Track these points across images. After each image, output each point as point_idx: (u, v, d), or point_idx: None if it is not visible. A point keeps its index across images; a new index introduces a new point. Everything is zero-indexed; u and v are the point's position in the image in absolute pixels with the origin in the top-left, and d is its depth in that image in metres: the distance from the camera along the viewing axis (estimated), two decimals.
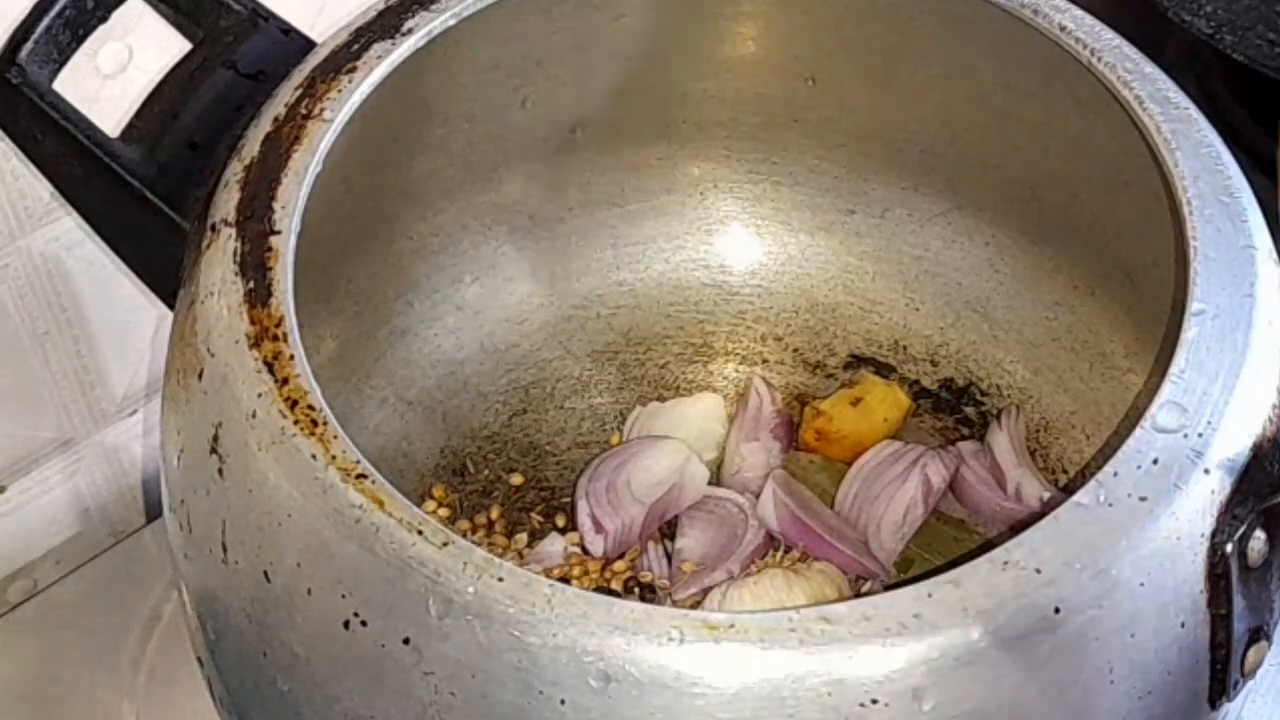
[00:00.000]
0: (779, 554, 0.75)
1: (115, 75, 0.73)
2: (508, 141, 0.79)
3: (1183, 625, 0.55)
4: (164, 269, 0.66)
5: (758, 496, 0.76)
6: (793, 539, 0.74)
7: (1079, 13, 0.67)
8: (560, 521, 0.78)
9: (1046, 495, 0.75)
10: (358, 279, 0.77)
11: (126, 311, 0.80)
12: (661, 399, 0.82)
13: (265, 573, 0.56)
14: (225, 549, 0.58)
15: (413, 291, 0.80)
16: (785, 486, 0.75)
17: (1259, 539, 0.55)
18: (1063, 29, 0.67)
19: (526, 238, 0.82)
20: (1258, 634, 0.57)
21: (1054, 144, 0.74)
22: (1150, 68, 0.66)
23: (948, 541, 0.75)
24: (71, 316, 0.79)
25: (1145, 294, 0.72)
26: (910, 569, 0.74)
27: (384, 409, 0.79)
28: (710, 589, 0.73)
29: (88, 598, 0.81)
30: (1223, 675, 0.57)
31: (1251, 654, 0.57)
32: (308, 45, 0.68)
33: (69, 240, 0.77)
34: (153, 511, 0.86)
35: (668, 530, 0.77)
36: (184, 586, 0.63)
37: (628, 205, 0.83)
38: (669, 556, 0.76)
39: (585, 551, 0.76)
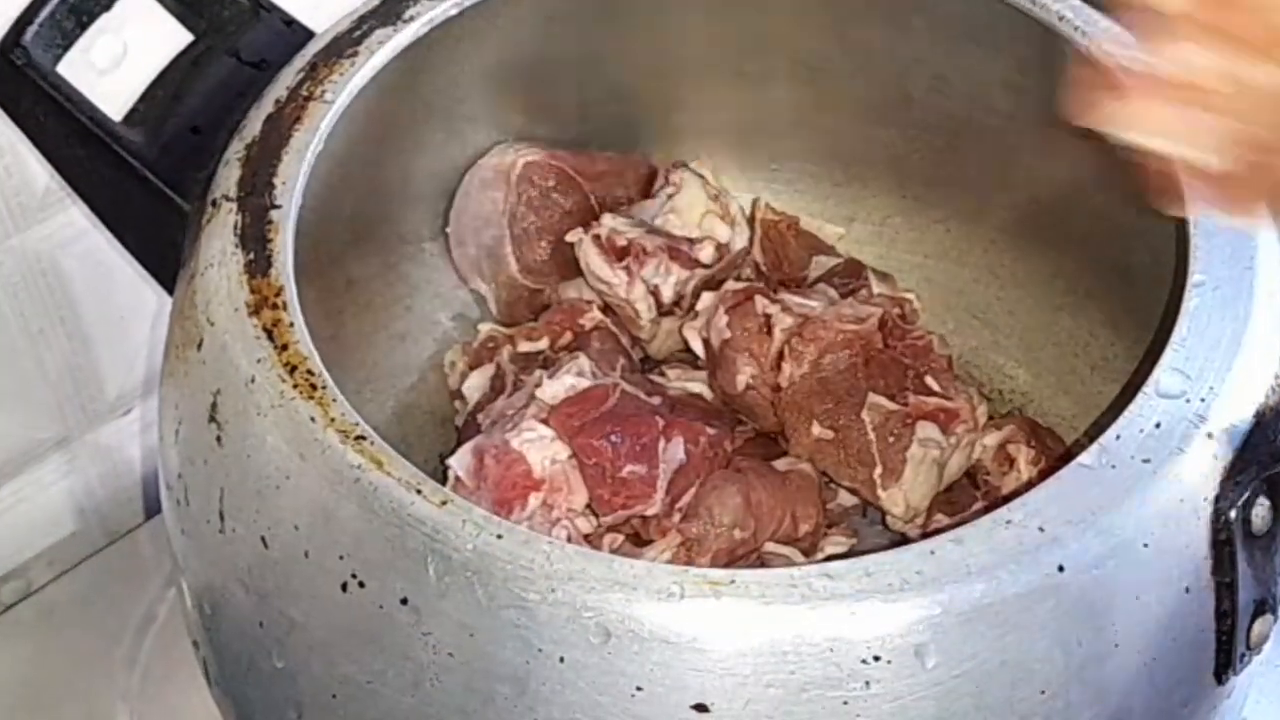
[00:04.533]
0: None
1: (110, 71, 0.73)
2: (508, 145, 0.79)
3: (1187, 590, 0.54)
4: (164, 252, 0.66)
5: None
6: None
7: (1077, 2, 0.68)
8: None
9: None
10: (358, 282, 0.77)
11: (122, 309, 0.80)
12: None
13: (263, 538, 0.56)
14: (223, 518, 0.58)
15: (412, 295, 0.80)
16: None
17: (1263, 506, 0.55)
18: (1061, 18, 0.67)
19: None
20: (1263, 606, 0.57)
21: (1053, 145, 0.74)
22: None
23: None
24: (66, 315, 0.79)
25: (1145, 296, 0.72)
26: None
27: (384, 412, 0.79)
28: None
29: (82, 598, 0.81)
30: (1228, 646, 0.56)
31: (1257, 626, 0.57)
32: (309, 36, 0.69)
33: (63, 238, 0.78)
34: (150, 509, 0.86)
35: None
36: (181, 564, 0.62)
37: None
38: None
39: None
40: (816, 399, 0.74)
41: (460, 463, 0.68)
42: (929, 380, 0.74)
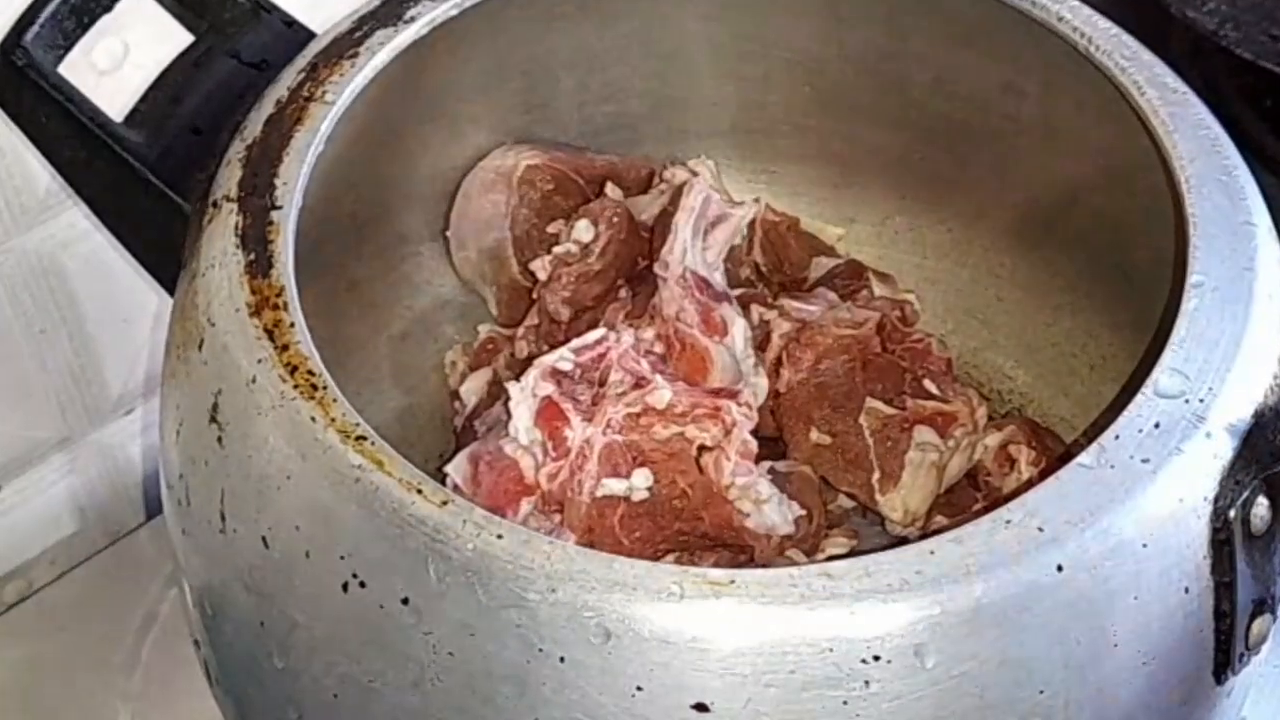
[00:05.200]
0: None
1: (111, 72, 0.74)
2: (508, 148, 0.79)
3: (1186, 590, 0.54)
4: (165, 252, 0.66)
5: None
6: None
7: (1076, 3, 0.68)
8: None
9: None
10: (358, 283, 0.78)
11: (123, 309, 0.81)
12: None
13: (264, 538, 0.56)
14: (224, 518, 0.58)
15: (412, 296, 0.80)
16: None
17: (1262, 506, 0.55)
18: (1060, 19, 0.68)
19: None
20: (1262, 606, 0.57)
21: (1053, 145, 0.75)
22: (1148, 55, 0.66)
23: None
24: (67, 315, 0.79)
25: (1145, 296, 0.72)
26: None
27: (385, 413, 0.79)
28: None
29: (83, 599, 0.81)
30: (1227, 646, 0.56)
31: (1256, 626, 0.57)
32: (309, 37, 0.69)
33: (65, 238, 0.78)
34: (152, 509, 0.86)
35: None
36: (182, 564, 0.63)
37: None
38: None
39: None
40: (814, 404, 0.74)
41: (457, 470, 0.68)
42: (927, 383, 0.75)
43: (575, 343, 0.69)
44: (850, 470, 0.73)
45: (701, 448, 0.67)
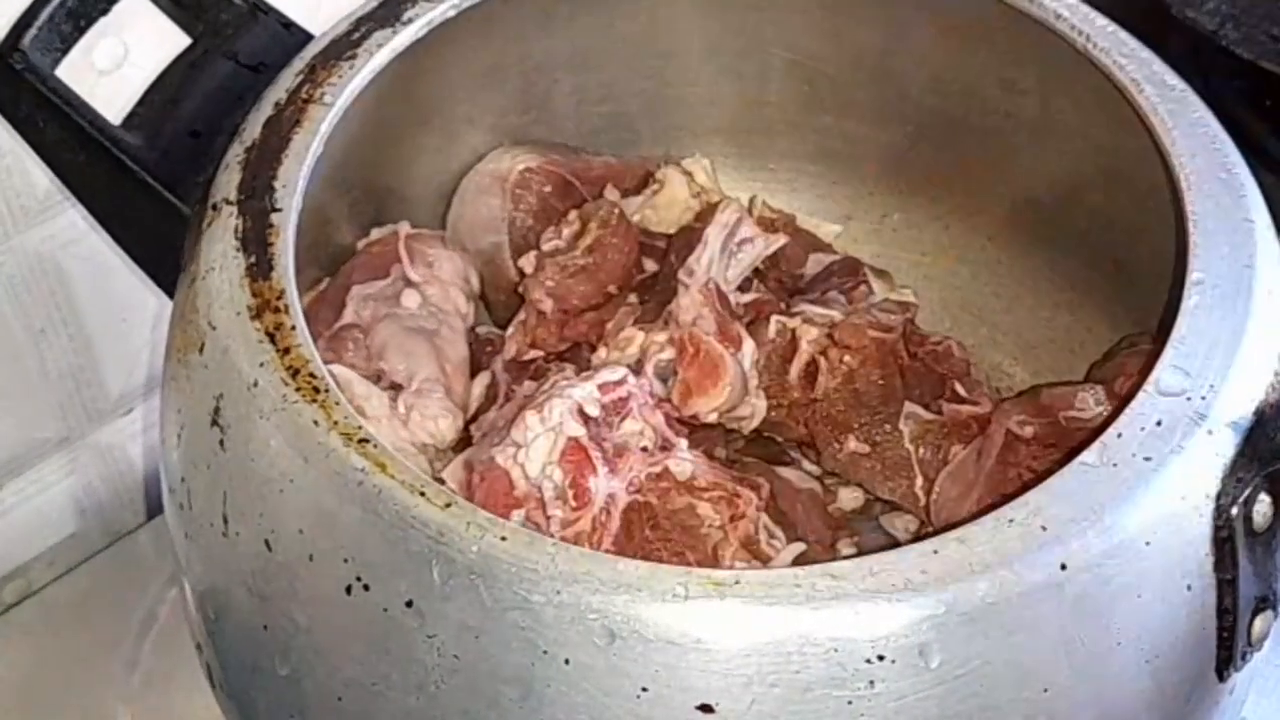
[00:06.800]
0: None
1: (111, 72, 0.73)
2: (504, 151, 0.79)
3: (1189, 588, 0.55)
4: (164, 255, 0.66)
5: None
6: None
7: (1074, 1, 0.68)
8: None
9: None
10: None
11: (123, 309, 0.81)
12: None
13: (266, 541, 0.56)
14: (226, 521, 0.58)
15: None
16: None
17: (1264, 503, 0.55)
18: (1058, 17, 0.68)
19: None
20: (1264, 603, 0.57)
21: (1051, 142, 0.75)
22: (1146, 52, 0.66)
23: None
24: (67, 315, 0.79)
25: (1143, 294, 0.72)
26: None
27: None
28: None
29: (82, 599, 0.81)
30: (1229, 643, 0.56)
31: (1258, 623, 0.57)
32: (307, 39, 0.69)
33: (65, 238, 0.78)
34: (152, 509, 0.86)
35: None
36: (184, 568, 0.62)
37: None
38: None
39: None
40: (852, 412, 0.73)
41: (452, 476, 0.68)
42: (957, 386, 0.74)
43: (599, 378, 0.68)
44: (892, 478, 0.73)
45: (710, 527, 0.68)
